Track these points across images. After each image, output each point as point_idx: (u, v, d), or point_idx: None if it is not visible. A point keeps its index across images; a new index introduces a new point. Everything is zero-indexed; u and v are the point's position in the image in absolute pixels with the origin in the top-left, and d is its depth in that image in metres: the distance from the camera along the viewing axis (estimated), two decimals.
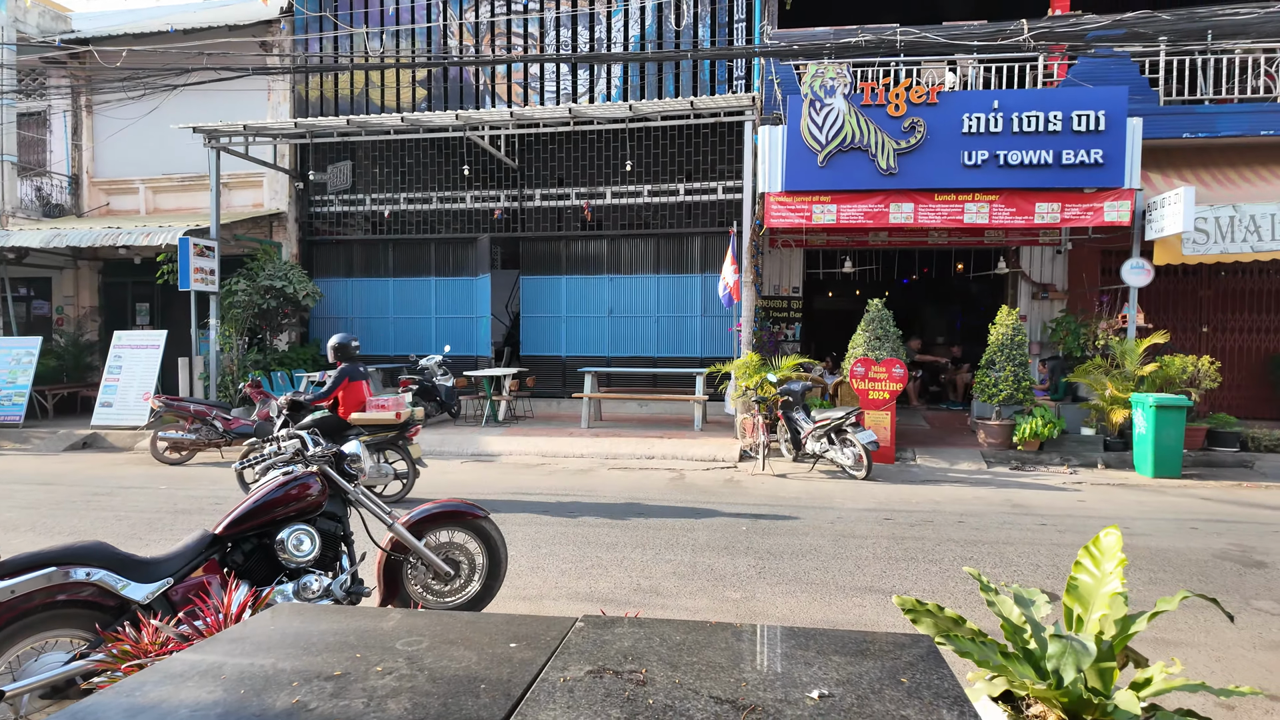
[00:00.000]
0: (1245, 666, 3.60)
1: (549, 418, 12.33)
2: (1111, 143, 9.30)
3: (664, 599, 4.48)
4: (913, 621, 2.00)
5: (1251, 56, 10.53)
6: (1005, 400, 9.39)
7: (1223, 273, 11.72)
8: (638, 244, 12.78)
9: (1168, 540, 5.82)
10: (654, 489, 7.72)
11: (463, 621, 1.91)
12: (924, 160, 9.59)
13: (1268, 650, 3.79)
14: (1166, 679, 1.88)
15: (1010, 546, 5.64)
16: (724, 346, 12.19)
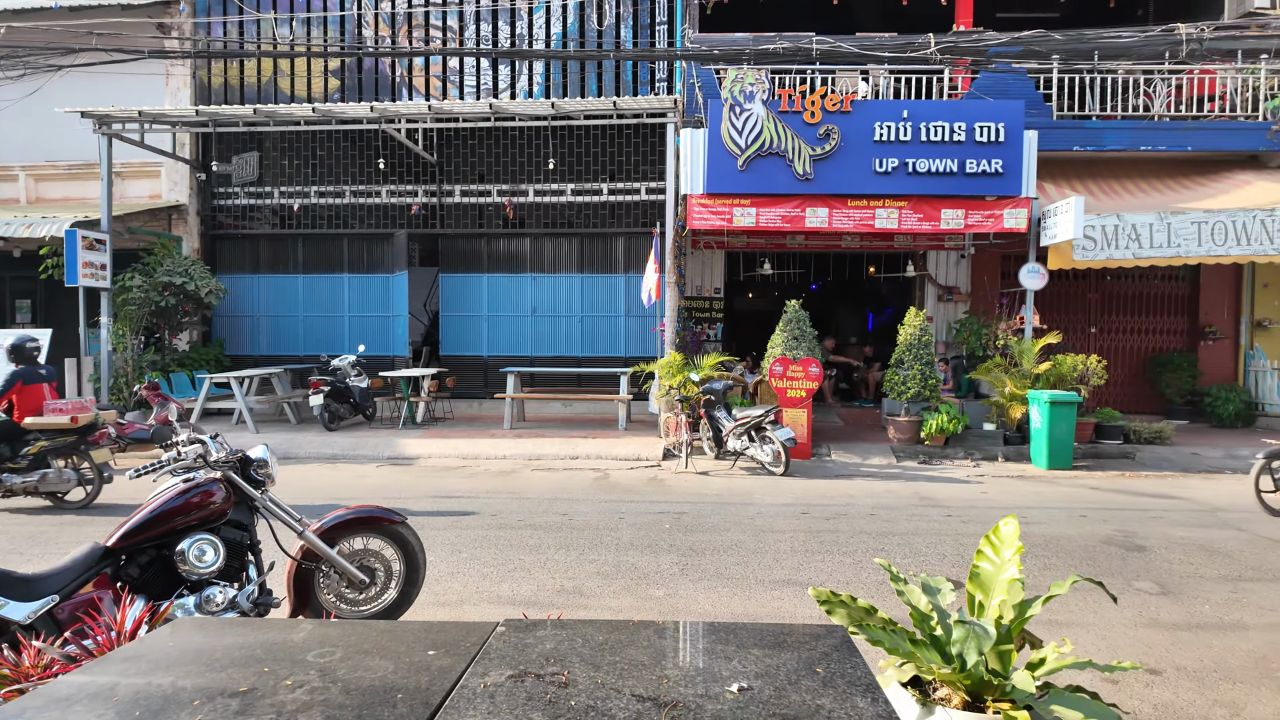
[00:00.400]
0: (1128, 643, 3.89)
1: (470, 419, 12.12)
2: (1010, 154, 9.87)
3: (587, 599, 4.48)
4: (827, 612, 2.07)
5: (1133, 77, 11.38)
6: (913, 397, 9.82)
7: (1108, 277, 12.62)
8: (561, 243, 12.71)
9: (1060, 528, 6.21)
10: (578, 489, 7.69)
11: (379, 630, 1.85)
12: (838, 166, 9.92)
13: (1147, 628, 4.10)
14: (1058, 658, 2.01)
15: (919, 537, 5.91)
16: (648, 346, 12.27)
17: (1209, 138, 11.04)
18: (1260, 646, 3.85)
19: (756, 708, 1.43)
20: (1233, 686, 3.41)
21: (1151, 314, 12.86)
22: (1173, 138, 11.04)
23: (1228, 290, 12.47)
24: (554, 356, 12.70)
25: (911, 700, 1.95)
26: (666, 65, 11.99)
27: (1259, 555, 5.45)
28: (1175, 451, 9.67)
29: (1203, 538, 5.92)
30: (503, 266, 12.82)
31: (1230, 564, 5.24)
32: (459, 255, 12.89)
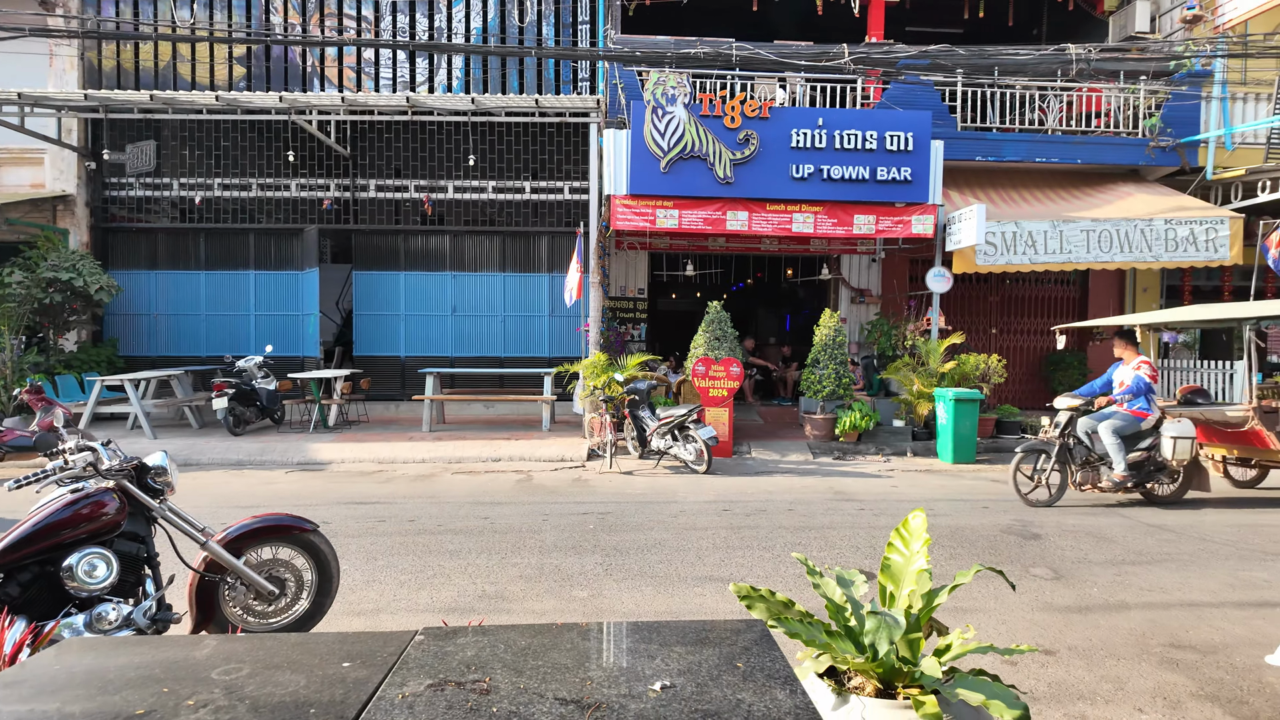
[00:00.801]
0: (1026, 626, 4.13)
1: (386, 422, 11.77)
2: (918, 162, 10.32)
3: (510, 604, 4.42)
4: (747, 607, 2.11)
5: (1029, 92, 12.10)
6: (828, 396, 10.15)
7: (1008, 281, 13.38)
8: (482, 241, 12.51)
9: (965, 519, 6.55)
10: (500, 492, 7.59)
11: (289, 643, 1.78)
12: (757, 171, 10.15)
13: (1043, 611, 4.37)
14: (962, 644, 2.12)
15: (834, 531, 6.11)
16: (572, 346, 12.23)
17: (1096, 152, 11.86)
18: (1140, 625, 4.16)
19: (679, 705, 1.45)
20: (1117, 663, 3.68)
21: (1046, 316, 13.71)
22: (1064, 151, 11.81)
23: (1113, 294, 13.44)
24: (475, 357, 12.49)
25: (828, 690, 2.02)
26: (589, 65, 11.97)
27: (1139, 540, 5.89)
28: None
29: (1091, 525, 6.36)
30: (421, 264, 12.50)
31: (1115, 549, 5.65)
32: (374, 252, 12.50)
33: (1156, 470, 7.02)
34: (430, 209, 12.32)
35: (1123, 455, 6.92)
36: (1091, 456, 7.14)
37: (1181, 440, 6.79)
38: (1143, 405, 6.98)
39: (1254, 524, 6.50)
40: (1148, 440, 7.02)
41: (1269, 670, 3.59)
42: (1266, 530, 6.24)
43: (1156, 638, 3.99)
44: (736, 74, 11.21)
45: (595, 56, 11.33)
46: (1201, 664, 3.68)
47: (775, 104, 10.89)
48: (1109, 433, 6.95)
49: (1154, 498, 7.16)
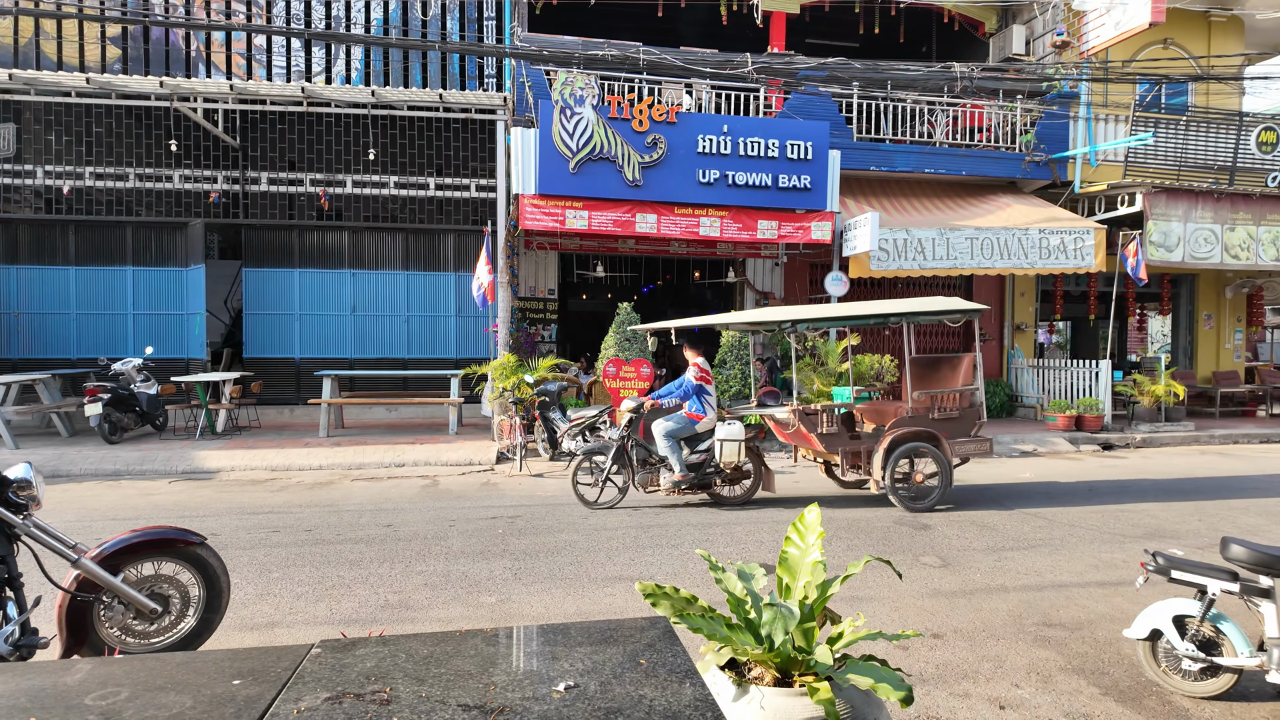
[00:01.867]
0: (915, 612, 4.39)
1: (280, 427, 11.23)
2: (817, 171, 10.74)
3: (415, 613, 4.32)
4: (652, 605, 2.16)
5: (919, 106, 12.81)
6: (735, 396, 10.41)
7: (900, 285, 14.10)
8: (384, 238, 12.12)
9: (861, 511, 6.87)
10: (404, 498, 7.39)
11: (174, 663, 1.69)
12: (665, 175, 10.29)
13: (932, 598, 4.64)
14: (853, 631, 2.24)
15: (740, 526, 6.28)
16: (480, 347, 12.03)
17: (978, 164, 12.69)
18: (1017, 606, 4.50)
19: (582, 704, 1.47)
20: (997, 643, 3.96)
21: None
22: (950, 163, 12.57)
23: (994, 297, 14.40)
24: (377, 358, 12.08)
25: (728, 682, 2.09)
26: (496, 62, 11.81)
27: (1017, 527, 6.35)
28: None
29: (975, 515, 6.80)
30: (317, 261, 11.99)
31: (995, 536, 6.07)
32: (266, 248, 11.89)
33: (716, 472, 6.92)
34: (327, 204, 11.84)
35: (677, 457, 6.79)
36: (652, 458, 7.01)
37: (729, 443, 6.69)
38: (696, 408, 6.89)
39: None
40: (706, 442, 6.94)
41: (1125, 643, 3.96)
42: (1114, 515, 6.86)
43: (1031, 617, 4.32)
44: (644, 78, 11.33)
45: (501, 53, 11.19)
46: (1069, 640, 4.01)
47: (682, 109, 11.08)
48: (661, 435, 6.82)
49: (721, 499, 7.10)
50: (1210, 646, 3.38)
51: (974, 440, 7.16)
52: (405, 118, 11.84)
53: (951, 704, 3.30)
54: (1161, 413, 12.14)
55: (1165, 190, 11.93)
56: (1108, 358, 12.19)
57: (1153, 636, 3.50)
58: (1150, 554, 3.58)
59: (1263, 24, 14.53)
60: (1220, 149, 12.68)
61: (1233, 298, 15.21)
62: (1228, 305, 15.24)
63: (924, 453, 6.92)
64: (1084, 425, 11.68)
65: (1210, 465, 9.72)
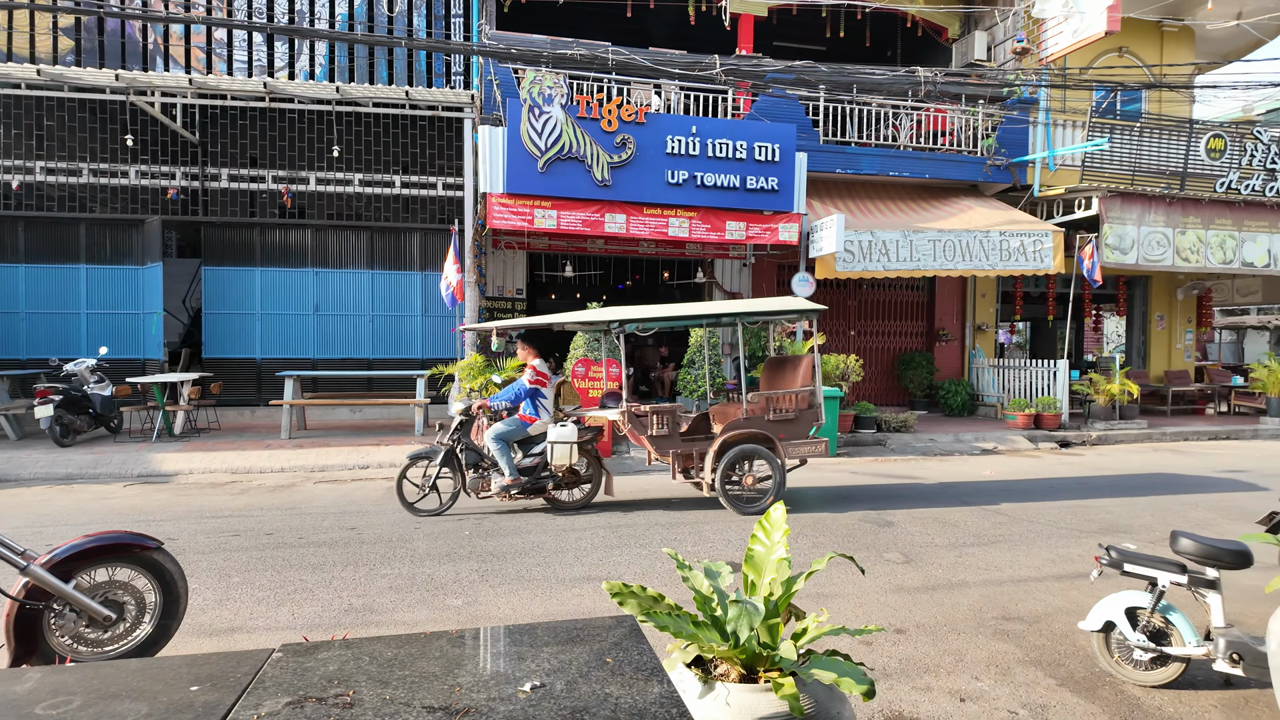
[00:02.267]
0: (879, 608, 4.46)
1: (241, 429, 11.00)
2: (784, 173, 10.85)
3: (379, 616, 4.27)
4: (619, 604, 2.17)
5: (884, 110, 13.01)
6: (704, 395, 10.47)
7: (865, 286, 14.32)
8: (348, 236, 11.94)
9: (825, 509, 6.95)
10: (369, 501, 7.29)
11: (129, 670, 1.65)
12: (634, 175, 10.31)
13: (895, 593, 4.72)
14: (818, 627, 2.27)
15: (707, 525, 6.32)
16: (447, 348, 11.92)
17: (941, 167, 12.93)
18: (977, 601, 4.60)
19: (549, 703, 1.48)
20: (958, 637, 4.05)
21: (899, 319, 14.79)
22: (914, 166, 12.79)
23: (956, 299, 14.69)
24: (341, 359, 11.90)
25: (694, 679, 2.11)
26: (463, 60, 11.72)
27: (978, 524, 6.48)
28: (916, 438, 11.20)
29: (937, 511, 6.93)
30: (280, 259, 11.77)
31: (957, 532, 6.19)
32: (227, 246, 11.64)
33: (549, 476, 6.76)
34: (289, 201, 11.63)
35: (507, 459, 6.58)
36: (484, 462, 6.79)
37: (560, 445, 6.54)
38: (529, 410, 6.79)
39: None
40: (540, 445, 6.79)
41: (1081, 635, 4.07)
42: (1071, 511, 7.05)
43: (991, 611, 4.42)
44: (613, 78, 11.33)
45: (469, 51, 11.11)
46: (1028, 633, 4.11)
47: (651, 110, 11.11)
48: (491, 438, 6.63)
49: (559, 503, 6.91)
50: (1160, 637, 3.49)
51: (809, 441, 7.01)
52: (370, 115, 11.69)
53: (913, 697, 3.37)
54: (1116, 411, 12.50)
55: (1120, 194, 12.29)
56: (1065, 357, 12.51)
57: (1106, 628, 3.61)
58: (1104, 548, 3.69)
59: (1213, 34, 15.03)
60: (1172, 155, 13.09)
61: (1183, 299, 15.73)
62: (1179, 306, 15.75)
63: (757, 455, 6.82)
64: (1042, 423, 11.97)
65: (1162, 462, 10.03)
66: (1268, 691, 3.45)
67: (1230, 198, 12.88)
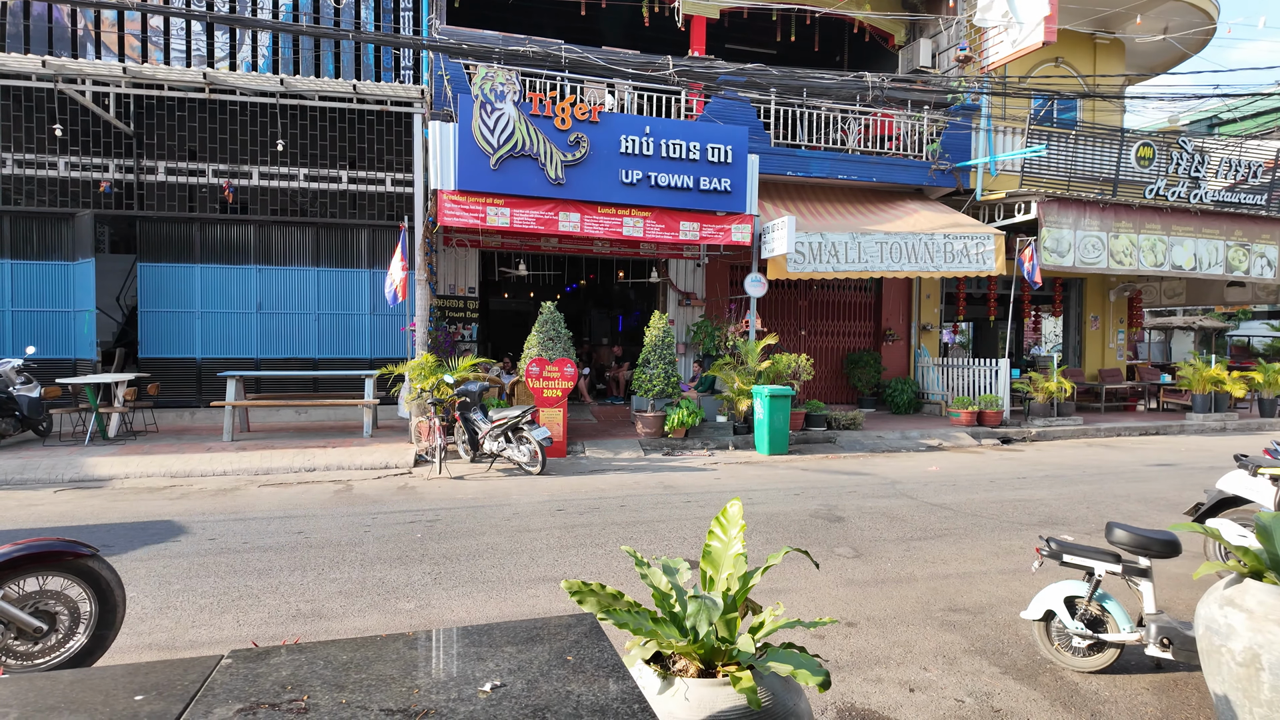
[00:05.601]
0: (831, 602, 4.54)
1: (180, 431, 10.62)
2: (736, 174, 10.97)
3: (329, 622, 4.18)
4: (579, 602, 2.17)
5: (833, 114, 13.25)
6: (658, 394, 10.51)
7: (815, 286, 14.57)
8: (294, 233, 11.62)
9: (779, 506, 7.06)
10: (316, 504, 7.11)
11: (65, 682, 1.58)
12: (588, 174, 10.29)
13: (846, 587, 4.82)
14: (773, 621, 2.31)
15: (663, 523, 6.35)
16: (397, 347, 11.71)
17: (888, 171, 13.24)
18: (924, 594, 4.72)
19: (509, 703, 1.47)
20: (907, 629, 4.15)
21: (848, 319, 15.09)
22: (862, 169, 13.07)
23: (902, 300, 15.06)
24: (286, 358, 11.58)
25: (654, 675, 2.12)
26: (413, 55, 11.52)
27: (924, 518, 6.66)
28: (865, 435, 11.45)
29: (886, 506, 7.10)
30: (221, 256, 11.39)
31: (905, 527, 6.35)
32: (165, 242, 11.21)
33: None
34: (231, 196, 11.26)
35: None
36: None
37: None
38: None
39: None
40: None
41: (1023, 624, 4.22)
42: (1013, 504, 7.30)
43: (938, 603, 4.55)
44: (566, 76, 11.29)
45: (419, 45, 10.92)
46: (973, 623, 4.24)
47: (604, 109, 11.10)
48: None
49: None
50: (1097, 624, 3.65)
51: None
52: (317, 108, 11.40)
53: (865, 689, 3.45)
54: (1054, 408, 12.99)
55: (1057, 199, 12.78)
56: (1007, 356, 12.95)
57: (1046, 617, 3.75)
58: (1044, 540, 3.83)
59: (1141, 47, 15.75)
60: (1105, 162, 13.66)
61: (1115, 300, 16.44)
62: (1111, 307, 16.45)
63: None
64: (985, 420, 12.36)
65: (1097, 456, 10.47)
66: (1196, 674, 3.64)
67: (1158, 204, 13.52)
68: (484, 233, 11.56)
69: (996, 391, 12.74)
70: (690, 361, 13.41)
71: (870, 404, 14.37)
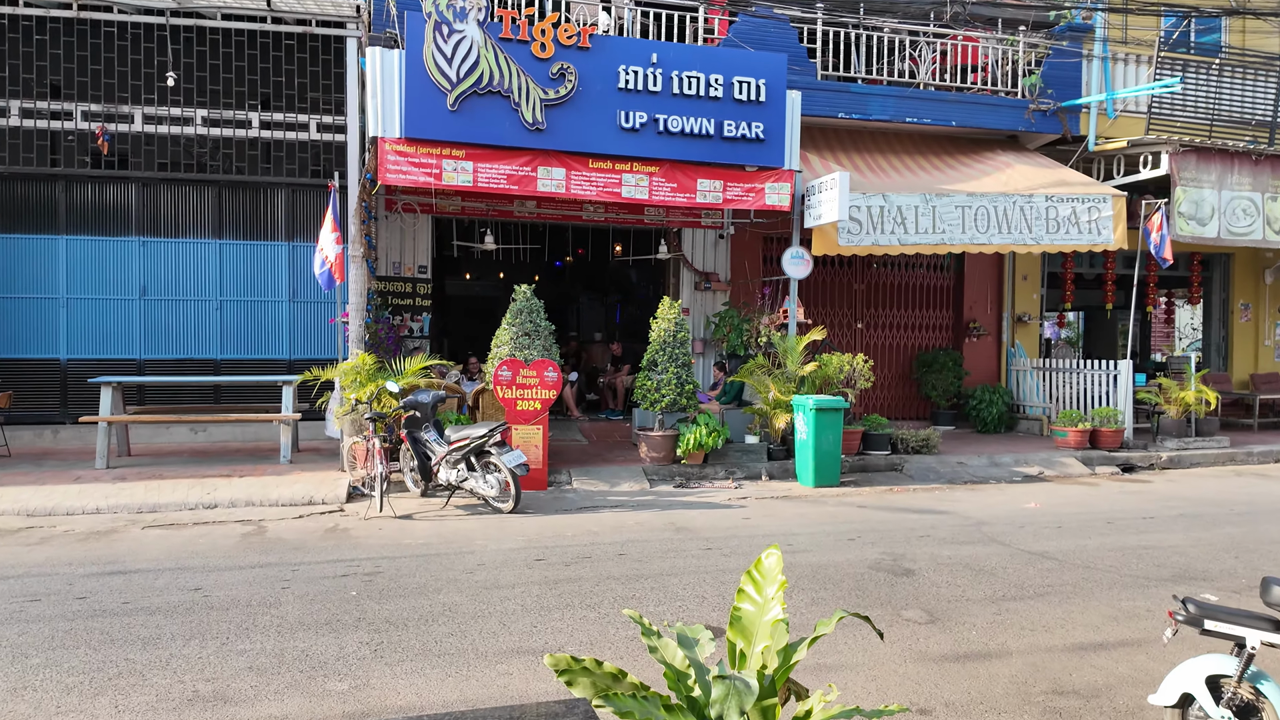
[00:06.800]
0: (897, 682, 4.55)
1: (40, 455, 10.66)
2: (772, 116, 10.96)
3: (237, 708, 4.19)
4: (567, 684, 2.16)
5: (898, 37, 13.26)
6: (669, 407, 10.52)
7: (875, 265, 14.59)
8: (188, 194, 11.68)
9: (828, 554, 7.06)
10: (219, 552, 7.13)
11: None
12: (577, 116, 10.29)
13: (916, 662, 4.82)
14: (824, 708, 2.30)
15: (675, 578, 6.35)
16: (325, 345, 11.75)
17: (972, 113, 13.23)
18: (1021, 671, 4.72)
19: None
20: (997, 718, 4.15)
21: (918, 308, 15.10)
22: (937, 110, 13.07)
23: (990, 283, 15.07)
24: (179, 359, 11.62)
25: None
26: None
27: (1020, 571, 6.66)
28: (941, 461, 11.44)
29: (968, 555, 7.10)
30: (93, 225, 11.45)
31: (994, 583, 6.35)
32: (18, 206, 11.28)
33: None
34: (106, 146, 11.29)
35: None
36: None
37: None
38: None
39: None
40: None
41: (1151, 711, 4.22)
42: (1137, 553, 7.29)
43: (1038, 684, 4.55)
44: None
45: None
46: (1085, 711, 4.24)
47: (598, 31, 11.12)
48: None
49: None
50: (1249, 712, 3.63)
51: None
52: (219, 31, 11.42)
53: None
54: (1191, 425, 12.96)
55: (1196, 150, 12.75)
56: (1128, 357, 12.93)
57: (1183, 702, 3.74)
58: (1179, 600, 3.82)
59: None
60: (1259, 100, 13.62)
61: (1274, 283, 16.39)
62: (1268, 293, 16.42)
63: None
64: (1100, 442, 12.35)
65: (1248, 490, 10.45)
66: None
67: None
68: (439, 194, 11.56)
69: (1115, 404, 12.73)
70: (710, 364, 13.43)
71: (948, 419, 14.37)
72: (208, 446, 11.41)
